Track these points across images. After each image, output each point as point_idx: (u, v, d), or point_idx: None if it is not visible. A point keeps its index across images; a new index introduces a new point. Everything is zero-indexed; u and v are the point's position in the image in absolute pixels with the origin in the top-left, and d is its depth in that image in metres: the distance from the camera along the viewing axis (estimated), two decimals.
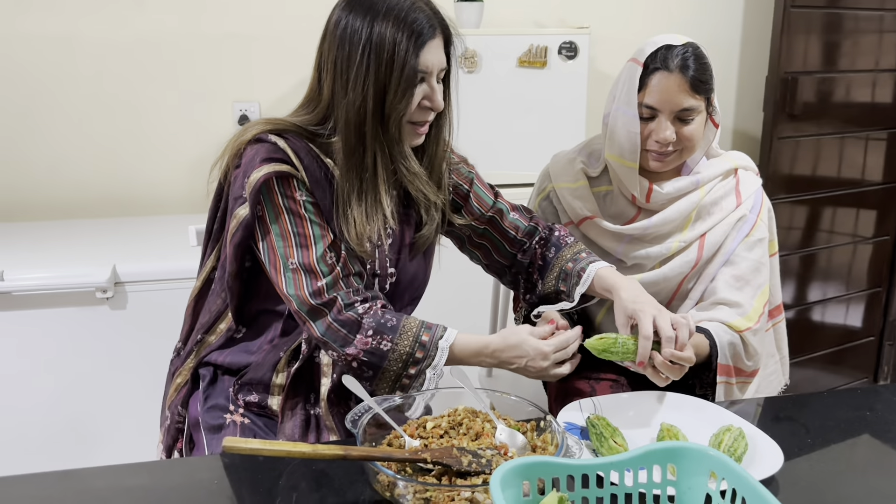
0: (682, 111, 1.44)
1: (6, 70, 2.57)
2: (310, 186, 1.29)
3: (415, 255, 1.44)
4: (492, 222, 1.50)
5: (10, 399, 2.07)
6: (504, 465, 0.89)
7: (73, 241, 2.34)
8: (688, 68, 1.42)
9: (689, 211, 1.52)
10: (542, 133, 2.56)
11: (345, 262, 1.30)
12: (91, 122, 2.65)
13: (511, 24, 2.87)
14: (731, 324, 1.47)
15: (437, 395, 1.27)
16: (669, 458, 0.97)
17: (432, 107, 1.30)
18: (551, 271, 1.46)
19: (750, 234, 1.54)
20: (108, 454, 2.13)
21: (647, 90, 1.45)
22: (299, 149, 1.29)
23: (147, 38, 2.63)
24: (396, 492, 1.01)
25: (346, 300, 1.27)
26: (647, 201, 1.52)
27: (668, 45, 1.45)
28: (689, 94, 1.43)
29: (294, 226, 1.28)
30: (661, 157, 1.48)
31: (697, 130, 1.46)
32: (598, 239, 1.56)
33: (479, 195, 1.51)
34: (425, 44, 1.24)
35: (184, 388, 1.46)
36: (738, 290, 1.51)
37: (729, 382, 1.47)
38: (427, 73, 1.27)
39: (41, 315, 2.06)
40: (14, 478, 1.11)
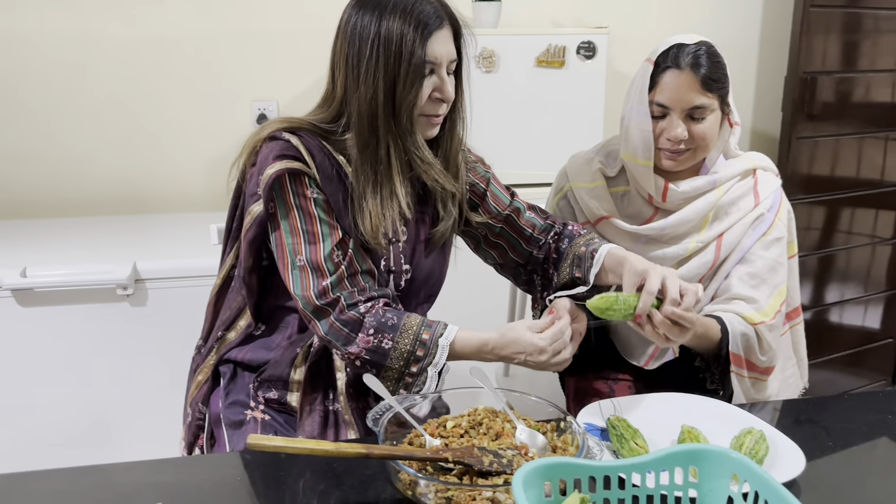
0: (694, 109, 1.44)
1: (29, 68, 2.60)
2: (321, 183, 1.31)
3: (430, 251, 1.45)
4: (508, 220, 1.51)
5: (31, 395, 2.10)
6: (526, 466, 0.89)
7: (95, 238, 2.36)
8: (699, 66, 1.42)
9: (706, 211, 1.52)
10: (560, 133, 2.56)
11: (351, 261, 1.31)
12: (111, 119, 2.67)
13: (528, 23, 2.87)
14: (745, 315, 1.46)
15: (455, 394, 1.27)
16: (691, 460, 0.97)
17: (443, 98, 1.31)
18: (565, 260, 1.46)
19: (767, 232, 1.54)
20: (130, 450, 2.15)
21: (658, 88, 1.45)
22: (312, 146, 1.31)
23: (167, 36, 2.65)
24: (418, 490, 1.02)
25: (348, 300, 1.29)
26: (663, 200, 1.52)
27: (680, 44, 1.45)
28: (700, 93, 1.43)
29: (303, 223, 1.30)
30: (673, 156, 1.48)
31: (710, 129, 1.46)
32: (615, 239, 1.56)
33: (496, 194, 1.52)
34: (432, 34, 1.26)
35: (205, 385, 1.48)
36: (754, 287, 1.50)
37: (740, 374, 1.45)
38: (436, 64, 1.28)
39: (62, 311, 2.08)
40: (40, 473, 1.13)
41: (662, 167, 1.51)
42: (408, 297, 1.44)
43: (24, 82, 2.61)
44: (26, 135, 2.64)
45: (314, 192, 1.30)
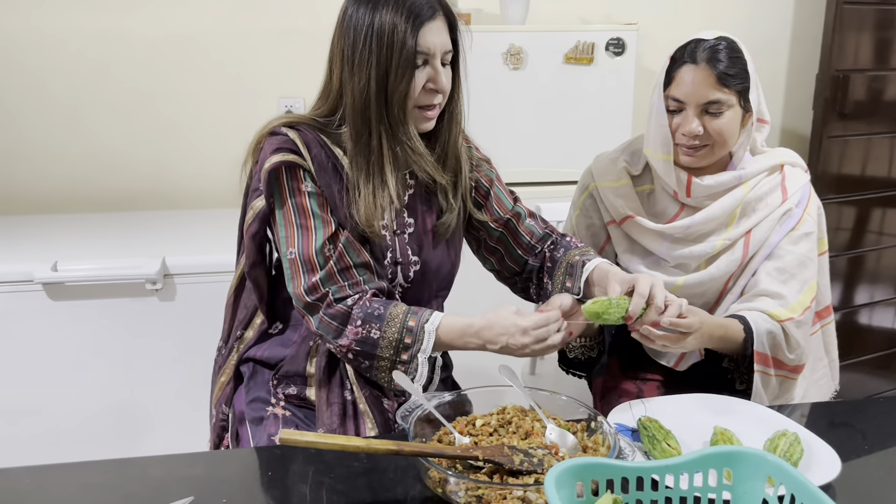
0: (709, 104, 1.42)
1: (59, 66, 2.63)
2: (316, 175, 1.32)
3: (438, 242, 1.44)
4: (508, 225, 1.50)
5: (61, 387, 2.12)
6: (559, 465, 0.89)
7: (124, 234, 2.39)
8: (716, 61, 1.41)
9: (732, 208, 1.50)
10: (588, 131, 2.54)
11: (341, 255, 1.31)
12: (140, 116, 2.69)
13: (556, 20, 2.85)
14: (771, 312, 1.44)
15: (480, 392, 1.26)
16: (726, 462, 0.96)
17: (437, 88, 1.30)
18: (559, 268, 1.45)
19: (796, 227, 1.51)
20: (156, 443, 2.17)
21: (674, 83, 1.45)
22: (309, 139, 1.33)
23: (195, 33, 2.66)
24: (448, 488, 1.02)
25: (337, 294, 1.30)
26: (687, 195, 1.50)
27: (699, 39, 1.44)
28: (715, 88, 1.41)
29: (297, 216, 1.32)
30: (690, 152, 1.47)
31: (728, 125, 1.44)
32: (641, 238, 1.55)
33: (499, 196, 1.51)
34: (423, 24, 1.26)
35: (227, 385, 1.49)
36: (782, 283, 1.48)
37: (767, 373, 1.43)
38: (429, 55, 1.28)
39: (92, 305, 2.10)
40: (73, 465, 1.14)
41: (681, 163, 1.49)
42: (419, 288, 1.43)
43: (53, 80, 2.64)
44: (56, 131, 2.68)
45: (308, 185, 1.32)
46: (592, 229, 1.62)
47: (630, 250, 1.57)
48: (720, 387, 1.50)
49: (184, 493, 1.05)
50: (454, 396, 1.23)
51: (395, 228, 1.39)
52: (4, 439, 2.11)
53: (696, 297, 1.53)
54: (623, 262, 1.58)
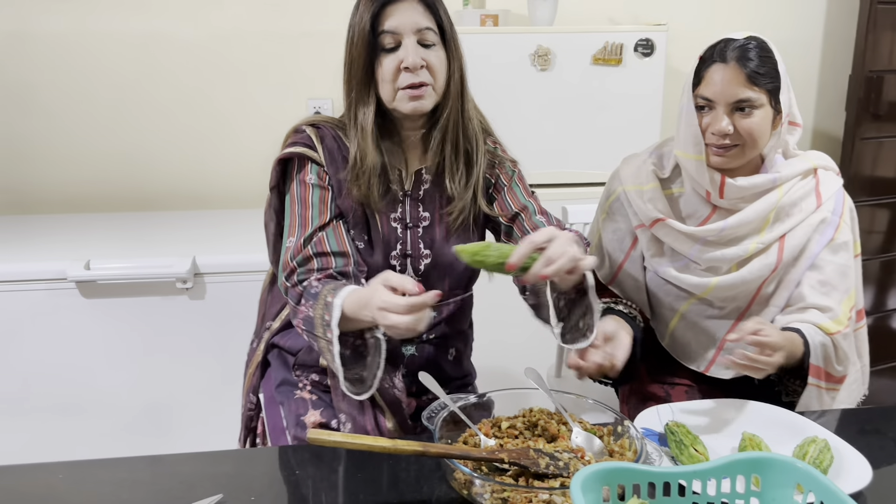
0: (739, 102, 1.41)
1: (94, 67, 2.68)
2: (326, 164, 1.38)
3: (448, 235, 1.44)
4: (517, 219, 1.47)
5: (93, 383, 2.16)
6: (586, 469, 0.89)
7: (156, 233, 2.43)
8: (745, 60, 1.39)
9: (766, 212, 1.48)
10: (617, 132, 2.53)
11: (320, 241, 1.34)
12: (170, 117, 2.73)
13: (584, 20, 2.84)
14: (823, 326, 1.42)
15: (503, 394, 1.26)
16: (754, 468, 0.95)
17: (407, 66, 1.30)
18: None
19: (834, 237, 1.50)
20: (186, 439, 2.20)
21: (703, 83, 1.44)
22: (325, 135, 1.40)
23: (228, 35, 2.70)
24: (473, 490, 1.02)
25: (301, 276, 1.32)
26: (720, 196, 1.49)
27: (728, 39, 1.43)
28: (745, 86, 1.40)
29: (299, 206, 1.37)
30: (721, 152, 1.45)
31: (758, 125, 1.42)
32: (671, 241, 1.54)
33: (514, 192, 1.49)
34: (386, 6, 1.29)
35: (255, 374, 1.53)
36: (825, 294, 1.47)
37: (819, 386, 1.42)
38: (398, 34, 1.30)
39: (124, 303, 2.13)
40: (106, 461, 1.16)
41: (711, 164, 1.48)
42: (432, 283, 1.43)
43: (90, 81, 2.69)
44: (91, 132, 2.72)
45: (313, 177, 1.38)
46: (618, 234, 1.61)
47: (659, 254, 1.56)
48: (750, 392, 1.49)
49: (213, 490, 1.07)
50: (479, 398, 1.23)
51: (407, 221, 1.41)
52: (37, 435, 2.15)
53: (728, 300, 1.52)
54: (651, 266, 1.57)
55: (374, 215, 1.39)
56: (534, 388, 1.24)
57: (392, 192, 1.41)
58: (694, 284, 1.51)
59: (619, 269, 1.61)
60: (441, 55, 1.34)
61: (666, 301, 1.57)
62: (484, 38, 2.45)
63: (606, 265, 1.63)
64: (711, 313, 1.54)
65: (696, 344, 1.55)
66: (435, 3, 1.33)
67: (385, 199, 1.40)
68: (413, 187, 1.43)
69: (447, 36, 1.35)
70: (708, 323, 1.54)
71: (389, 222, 1.41)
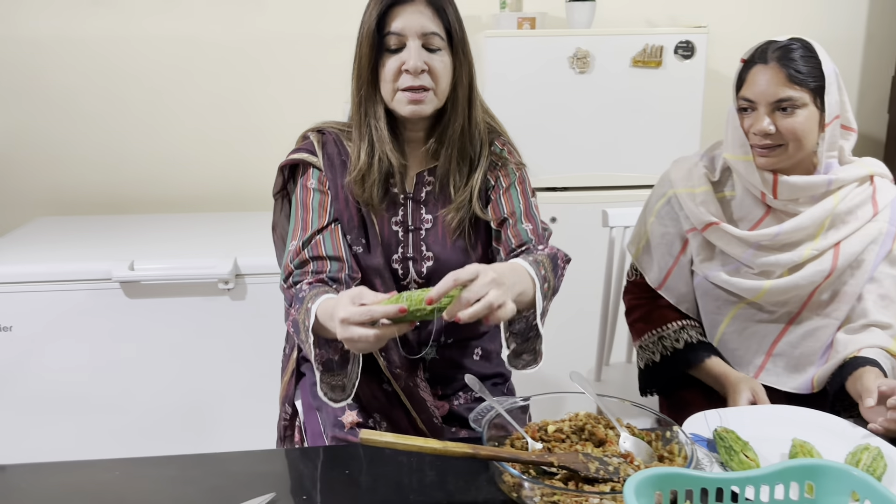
0: (780, 101, 1.40)
1: (137, 70, 2.72)
2: (325, 170, 1.39)
3: (449, 237, 1.41)
4: (504, 224, 1.42)
5: (136, 382, 2.20)
6: (639, 474, 0.89)
7: (198, 234, 2.47)
8: (787, 60, 1.40)
9: (822, 218, 1.46)
10: (657, 135, 2.52)
11: (317, 244, 1.35)
12: (210, 120, 2.77)
13: (621, 23, 2.83)
14: (889, 349, 1.41)
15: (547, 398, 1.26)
16: (808, 475, 0.94)
17: (408, 69, 1.29)
18: None
19: (892, 249, 1.48)
20: (227, 438, 2.23)
21: (745, 84, 1.45)
22: (328, 140, 1.42)
23: (263, 39, 2.73)
24: (523, 493, 1.02)
25: (296, 278, 1.34)
26: (774, 196, 1.47)
27: (771, 41, 1.44)
28: (786, 85, 1.40)
29: (301, 210, 1.39)
30: (765, 152, 1.44)
31: (801, 124, 1.41)
32: (724, 245, 1.52)
33: (511, 196, 1.43)
34: (392, 7, 1.29)
35: (290, 383, 1.53)
36: (884, 308, 1.45)
37: None
38: (402, 36, 1.29)
39: (167, 303, 2.17)
40: (159, 458, 1.18)
41: (758, 165, 1.47)
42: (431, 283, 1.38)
43: (132, 85, 2.74)
44: (134, 134, 2.78)
45: (314, 182, 1.40)
46: (667, 237, 1.60)
47: (709, 258, 1.55)
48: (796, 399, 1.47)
49: (264, 489, 1.08)
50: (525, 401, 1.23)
51: (409, 224, 1.41)
52: (83, 431, 2.20)
53: (779, 304, 1.50)
54: (701, 270, 1.56)
55: (371, 218, 1.39)
56: (577, 391, 1.24)
57: (392, 195, 1.40)
58: (746, 288, 1.50)
59: (669, 273, 1.60)
60: (446, 60, 1.32)
61: (714, 306, 1.56)
62: (521, 42, 2.45)
63: (655, 268, 1.62)
64: (761, 317, 1.52)
65: (745, 350, 1.54)
66: (444, 8, 1.32)
67: (385, 201, 1.39)
68: (415, 190, 1.42)
69: (455, 41, 1.33)
70: (757, 327, 1.53)
71: (390, 225, 1.41)
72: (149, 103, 2.75)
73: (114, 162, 2.79)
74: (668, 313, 1.61)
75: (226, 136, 2.80)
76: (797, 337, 1.51)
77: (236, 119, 2.79)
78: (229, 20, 2.71)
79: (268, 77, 2.76)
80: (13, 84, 2.73)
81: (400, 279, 1.42)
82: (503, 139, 1.49)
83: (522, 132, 2.48)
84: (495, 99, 2.44)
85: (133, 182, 2.81)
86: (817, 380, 1.49)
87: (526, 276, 1.19)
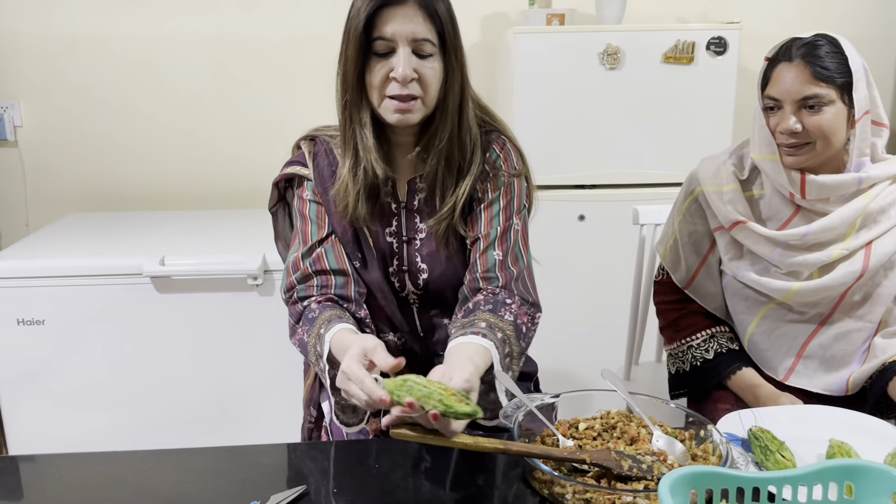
0: (806, 99, 1.38)
1: (169, 68, 2.75)
2: (316, 184, 1.37)
3: (441, 249, 1.37)
4: (475, 244, 1.37)
5: (166, 375, 2.22)
6: (675, 472, 0.88)
7: (227, 230, 2.48)
8: (811, 56, 1.37)
9: (853, 217, 1.43)
10: (688, 132, 2.49)
11: (318, 258, 1.34)
12: (242, 118, 2.80)
13: (652, 18, 2.81)
14: None
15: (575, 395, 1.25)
16: (848, 476, 0.92)
17: (396, 76, 1.23)
18: (453, 324, 1.32)
19: None
20: (255, 432, 2.25)
21: (770, 82, 1.43)
22: (319, 150, 1.39)
23: (296, 36, 2.75)
24: (555, 490, 1.02)
25: (301, 293, 1.32)
26: (802, 196, 1.45)
27: (795, 38, 1.41)
28: (811, 83, 1.37)
29: (300, 222, 1.38)
30: (792, 151, 1.42)
31: (828, 122, 1.38)
32: (751, 244, 1.50)
33: (491, 211, 1.37)
34: (382, 9, 1.22)
35: (314, 386, 1.53)
36: None
37: None
38: (392, 41, 1.23)
39: (196, 298, 2.19)
40: (190, 450, 1.19)
41: (786, 164, 1.44)
42: (434, 297, 1.40)
43: (166, 82, 2.77)
44: (167, 132, 2.81)
45: (309, 193, 1.38)
46: (695, 236, 1.58)
47: (738, 257, 1.53)
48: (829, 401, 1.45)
49: (295, 481, 1.09)
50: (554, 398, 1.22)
51: (403, 235, 1.38)
52: (113, 423, 2.22)
53: (809, 305, 1.48)
54: (730, 269, 1.54)
55: (364, 231, 1.35)
56: (607, 389, 1.23)
57: (384, 204, 1.36)
58: (775, 289, 1.47)
59: (696, 273, 1.58)
60: (437, 67, 1.26)
61: (744, 306, 1.54)
62: (550, 38, 2.43)
63: (683, 268, 1.60)
64: (792, 318, 1.50)
65: (775, 351, 1.52)
66: (437, 11, 1.24)
67: (374, 213, 1.36)
68: (408, 198, 1.38)
69: (447, 46, 1.27)
70: (788, 328, 1.50)
71: (384, 237, 1.38)
72: (182, 101, 2.78)
73: (146, 159, 2.82)
74: (697, 320, 1.59)
75: (253, 133, 2.82)
76: (829, 339, 1.48)
77: (268, 117, 2.81)
78: (262, 18, 2.73)
79: (301, 75, 2.77)
80: (47, 81, 2.77)
81: (397, 292, 1.40)
82: (502, 140, 1.41)
83: (551, 129, 2.48)
84: (523, 96, 2.43)
85: (165, 179, 2.84)
86: (853, 382, 1.46)
87: (489, 359, 1.20)
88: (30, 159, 2.82)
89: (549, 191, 2.49)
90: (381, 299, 1.37)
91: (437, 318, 1.43)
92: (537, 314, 1.38)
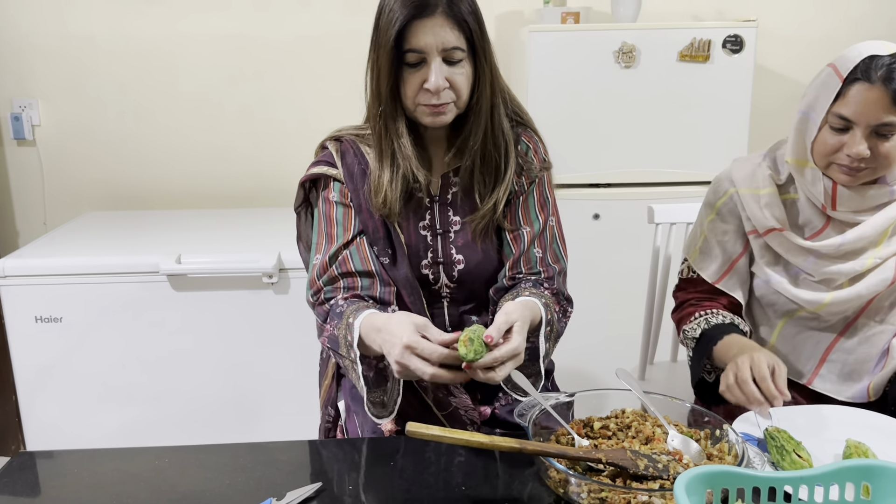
0: (881, 126, 1.32)
1: (186, 68, 2.77)
2: (345, 182, 1.38)
3: (478, 241, 1.40)
4: (514, 237, 1.41)
5: (181, 372, 2.24)
6: (690, 471, 0.87)
7: (243, 229, 2.50)
8: (891, 80, 1.30)
9: (885, 226, 1.41)
10: (704, 130, 2.48)
11: (345, 260, 1.35)
12: (258, 117, 2.81)
13: (667, 16, 2.80)
14: None
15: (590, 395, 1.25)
16: (865, 476, 0.92)
17: (429, 87, 1.25)
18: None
19: None
20: (270, 429, 2.26)
21: (843, 100, 1.34)
22: (346, 149, 1.40)
23: (311, 36, 2.75)
24: (570, 489, 1.02)
25: (328, 294, 1.33)
26: (833, 208, 1.42)
27: (873, 56, 1.33)
28: (889, 110, 1.31)
29: (325, 224, 1.38)
30: (851, 172, 1.37)
31: None
32: (784, 251, 1.47)
33: (528, 205, 1.43)
34: (411, 22, 1.23)
35: (331, 386, 1.53)
36: None
37: None
38: (424, 53, 1.24)
39: (212, 296, 2.21)
40: (208, 447, 1.20)
41: (836, 181, 1.41)
42: (467, 289, 1.42)
43: (182, 81, 2.79)
44: (183, 131, 2.83)
45: (335, 195, 1.39)
46: (728, 236, 1.55)
47: (771, 262, 1.50)
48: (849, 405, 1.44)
49: (311, 478, 1.09)
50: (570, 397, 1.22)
51: (437, 228, 1.39)
52: (130, 419, 2.24)
53: (837, 314, 1.46)
54: (762, 274, 1.51)
55: (395, 227, 1.37)
56: (622, 388, 1.23)
57: (417, 199, 1.38)
58: (808, 300, 1.45)
59: (727, 272, 1.56)
60: (468, 71, 1.29)
61: (772, 310, 1.53)
62: (565, 36, 2.43)
63: (714, 267, 1.58)
64: (816, 325, 1.49)
65: (797, 355, 1.51)
66: (465, 17, 1.26)
67: (409, 207, 1.38)
68: (441, 192, 1.40)
69: (477, 49, 1.29)
70: (811, 333, 1.49)
71: (417, 231, 1.39)
72: (197, 100, 2.80)
73: (163, 158, 2.85)
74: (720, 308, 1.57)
75: (272, 132, 2.83)
76: (853, 343, 1.47)
77: (284, 115, 2.82)
78: (278, 17, 2.74)
79: (316, 74, 2.78)
80: (65, 81, 2.79)
81: (430, 284, 1.40)
82: (529, 133, 1.45)
83: (566, 127, 2.48)
84: (539, 94, 2.42)
85: (181, 177, 2.86)
86: (874, 388, 1.45)
87: (537, 313, 1.28)
88: (48, 158, 2.85)
89: (564, 189, 2.48)
90: (409, 296, 1.38)
91: (465, 314, 1.44)
92: (569, 309, 1.44)
